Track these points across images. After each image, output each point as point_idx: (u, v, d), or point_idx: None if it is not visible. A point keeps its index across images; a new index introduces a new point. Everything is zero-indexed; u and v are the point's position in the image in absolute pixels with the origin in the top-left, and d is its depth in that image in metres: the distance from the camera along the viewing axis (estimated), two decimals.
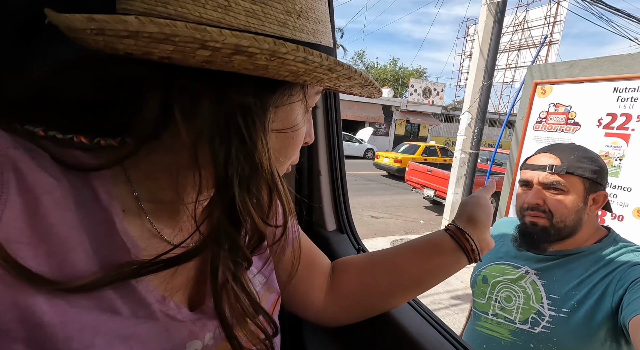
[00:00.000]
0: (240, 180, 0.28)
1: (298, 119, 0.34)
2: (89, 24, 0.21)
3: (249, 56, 0.24)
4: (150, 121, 0.27)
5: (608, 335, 0.76)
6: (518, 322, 0.86)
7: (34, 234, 0.23)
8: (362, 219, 5.77)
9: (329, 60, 0.27)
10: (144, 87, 0.26)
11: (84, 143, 0.27)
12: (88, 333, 0.25)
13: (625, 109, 2.73)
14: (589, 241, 0.87)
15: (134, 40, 0.22)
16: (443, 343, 0.56)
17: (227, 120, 0.27)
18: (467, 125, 4.98)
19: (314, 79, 0.29)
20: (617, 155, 2.74)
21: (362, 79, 0.32)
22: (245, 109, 0.27)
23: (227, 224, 0.29)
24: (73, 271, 0.25)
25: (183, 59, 0.24)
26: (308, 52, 0.26)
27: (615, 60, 2.93)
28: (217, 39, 0.23)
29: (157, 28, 0.21)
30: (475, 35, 5.00)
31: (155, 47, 0.23)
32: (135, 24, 0.21)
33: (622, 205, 2.68)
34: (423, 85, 19.69)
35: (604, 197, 0.85)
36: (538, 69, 3.47)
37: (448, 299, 3.31)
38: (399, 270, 0.52)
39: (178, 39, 0.22)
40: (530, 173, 0.89)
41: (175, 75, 0.26)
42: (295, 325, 0.84)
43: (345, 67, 0.29)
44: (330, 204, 0.85)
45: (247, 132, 0.27)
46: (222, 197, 0.28)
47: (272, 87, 0.30)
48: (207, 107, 0.27)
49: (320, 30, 0.31)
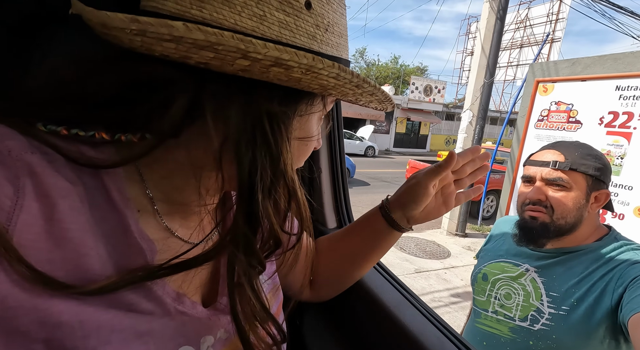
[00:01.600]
0: (263, 186, 0.28)
1: (315, 127, 0.35)
2: (131, 24, 0.21)
3: (286, 69, 0.25)
4: (176, 121, 0.27)
5: (607, 333, 0.76)
6: (518, 320, 0.87)
7: (49, 239, 0.24)
8: None
9: (358, 78, 0.28)
10: (174, 87, 0.26)
11: (105, 139, 0.27)
12: (105, 331, 0.26)
13: (628, 107, 2.72)
14: (590, 239, 0.87)
15: (175, 45, 0.22)
16: (443, 341, 0.56)
17: (254, 126, 0.27)
18: (468, 123, 4.97)
19: (340, 93, 0.30)
20: (619, 154, 2.73)
21: (383, 95, 0.33)
22: (272, 116, 0.28)
23: (246, 228, 0.29)
24: (88, 275, 0.25)
25: (220, 66, 0.24)
26: (342, 69, 0.27)
27: (617, 58, 2.92)
28: (260, 51, 0.23)
29: (203, 36, 0.22)
30: (477, 32, 4.98)
31: (196, 53, 0.23)
32: (181, 29, 0.21)
33: (623, 204, 2.68)
34: (424, 83, 19.63)
35: (606, 195, 0.85)
36: (540, 67, 3.46)
37: (448, 296, 3.32)
38: (347, 248, 0.58)
39: (221, 48, 0.22)
40: (534, 169, 0.89)
41: (207, 78, 0.26)
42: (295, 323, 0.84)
43: (371, 84, 0.30)
44: (330, 201, 0.85)
45: (273, 138, 0.28)
46: (243, 201, 0.28)
47: (297, 97, 0.30)
48: (236, 112, 0.27)
49: (342, 44, 0.32)
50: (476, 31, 5.07)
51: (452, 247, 4.63)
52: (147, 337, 0.28)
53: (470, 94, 4.94)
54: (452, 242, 4.85)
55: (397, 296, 0.67)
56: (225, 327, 0.36)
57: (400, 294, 0.67)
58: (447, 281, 3.63)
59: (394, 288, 0.69)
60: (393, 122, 19.82)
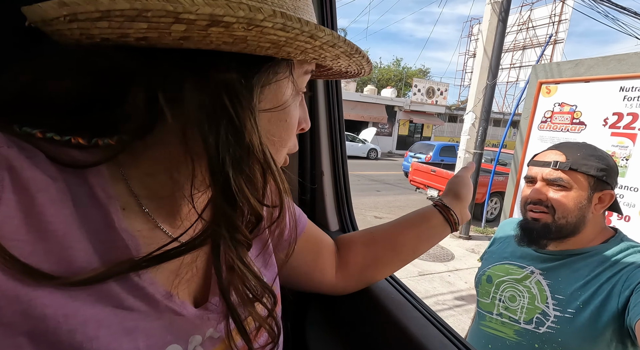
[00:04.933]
0: (233, 161, 0.28)
1: (286, 98, 0.33)
2: (61, 10, 0.21)
3: (226, 27, 0.24)
4: (139, 113, 0.26)
5: (614, 337, 0.75)
6: (523, 322, 0.86)
7: (30, 231, 0.23)
8: (366, 219, 5.75)
9: (309, 25, 0.26)
10: (128, 79, 0.26)
11: (82, 144, 0.27)
12: (92, 325, 0.25)
13: (632, 108, 2.70)
14: (595, 241, 0.86)
15: (107, 22, 0.22)
16: (446, 344, 0.56)
17: (213, 102, 0.27)
18: (471, 125, 4.96)
19: (297, 49, 0.28)
20: (624, 155, 2.71)
21: (348, 46, 0.31)
22: (229, 88, 0.27)
23: (225, 207, 0.29)
24: (72, 268, 0.25)
25: (159, 37, 0.24)
26: (286, 17, 0.25)
27: (621, 59, 2.90)
28: (190, 9, 0.22)
29: (128, 4, 0.21)
30: (479, 34, 4.98)
31: (129, 27, 0.22)
32: (105, 2, 0.21)
33: (628, 206, 2.65)
34: (426, 85, 19.62)
35: (611, 196, 0.84)
36: (543, 68, 3.45)
37: (452, 299, 3.29)
38: (397, 242, 0.60)
39: (150, 14, 0.22)
40: (536, 169, 0.89)
41: (156, 62, 0.26)
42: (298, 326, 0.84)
43: (327, 32, 0.28)
44: (333, 204, 0.85)
45: (234, 111, 0.27)
46: (216, 179, 0.28)
47: (255, 65, 0.29)
48: (191, 90, 0.26)
49: (301, 7, 0.31)
50: (478, 33, 5.07)
51: (455, 250, 4.60)
52: (136, 333, 0.28)
53: (473, 95, 4.93)
54: (455, 245, 4.82)
55: (399, 299, 0.66)
56: (215, 327, 0.35)
57: (402, 297, 0.67)
58: (451, 284, 3.60)
59: (396, 291, 0.69)
60: (395, 124, 19.81)
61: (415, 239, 0.60)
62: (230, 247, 0.31)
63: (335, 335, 0.73)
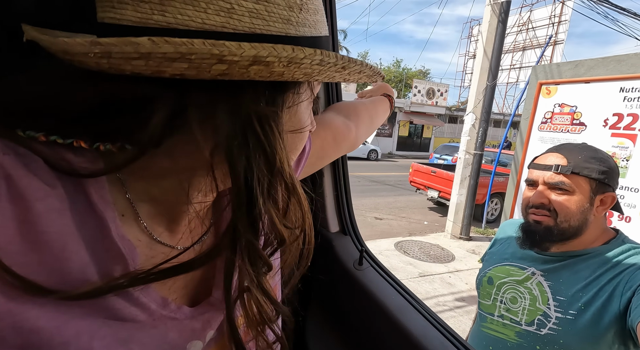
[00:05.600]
0: (261, 188, 0.27)
1: (306, 117, 0.34)
2: (92, 48, 0.20)
3: (267, 65, 0.24)
4: (156, 133, 0.26)
5: (616, 338, 0.74)
6: (524, 324, 0.86)
7: (23, 241, 0.23)
8: (366, 220, 5.75)
9: (343, 59, 0.27)
10: (153, 103, 0.25)
11: (83, 147, 0.26)
12: (85, 337, 0.25)
13: (632, 109, 2.70)
14: (597, 242, 0.86)
15: (144, 61, 0.21)
16: (447, 345, 0.56)
17: (244, 130, 0.26)
18: (471, 126, 4.95)
19: (327, 77, 0.29)
20: (624, 156, 2.71)
21: (371, 70, 0.32)
22: (261, 116, 0.27)
23: (249, 235, 0.28)
24: (67, 279, 0.25)
25: (197, 74, 0.23)
26: (325, 55, 0.25)
27: (621, 59, 2.90)
28: (236, 52, 0.22)
29: (173, 48, 0.20)
30: (479, 35, 4.99)
31: (168, 66, 0.22)
32: (148, 45, 0.20)
33: (629, 207, 2.65)
34: (427, 86, 19.63)
35: (612, 198, 0.84)
36: (543, 69, 3.45)
37: (452, 301, 3.29)
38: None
39: (195, 57, 0.21)
40: (537, 173, 0.89)
41: (187, 88, 0.25)
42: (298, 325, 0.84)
43: (357, 63, 0.29)
44: (333, 205, 0.84)
45: (266, 139, 0.27)
46: (242, 206, 0.27)
47: (283, 89, 0.29)
48: (222, 118, 0.26)
49: (320, 21, 0.30)
50: (478, 34, 5.07)
51: (456, 251, 4.60)
52: (131, 344, 0.28)
53: (473, 96, 4.93)
54: (456, 246, 4.81)
55: (400, 300, 0.66)
56: (215, 328, 0.35)
57: (403, 298, 0.67)
58: (452, 285, 3.60)
59: (397, 292, 0.68)
60: (396, 125, 19.82)
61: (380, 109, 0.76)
62: (249, 273, 0.30)
63: (335, 336, 0.73)
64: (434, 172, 6.49)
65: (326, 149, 0.62)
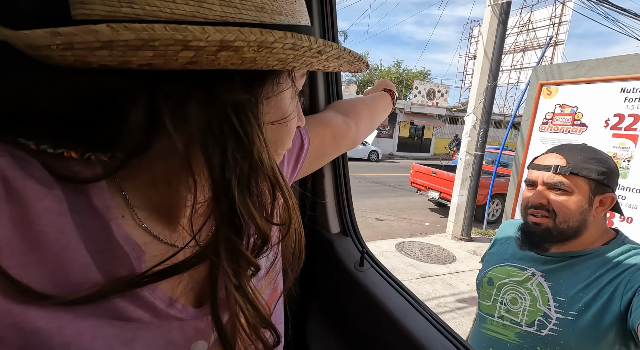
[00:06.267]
0: (239, 182, 0.27)
1: (290, 107, 0.33)
2: (53, 38, 0.19)
3: (236, 51, 0.23)
4: (138, 133, 0.25)
5: (617, 339, 0.74)
6: (524, 325, 0.85)
7: (23, 242, 0.23)
8: (367, 221, 5.75)
9: (317, 42, 0.26)
10: (126, 98, 0.25)
11: (75, 158, 0.26)
12: (86, 337, 0.25)
13: (633, 109, 2.69)
14: (597, 243, 0.86)
15: (108, 51, 0.20)
16: (448, 347, 0.56)
17: (219, 121, 0.26)
18: (472, 127, 4.95)
19: (303, 63, 0.28)
20: (625, 157, 2.70)
21: (351, 56, 0.31)
22: (236, 106, 0.26)
23: (227, 232, 0.27)
24: (69, 279, 0.24)
25: (165, 63, 0.22)
26: (296, 38, 0.24)
27: (622, 60, 2.90)
28: (201, 37, 0.21)
29: (134, 34, 0.20)
30: (479, 36, 4.99)
31: (133, 55, 0.21)
32: (107, 33, 0.19)
33: (630, 207, 2.64)
34: (427, 87, 19.63)
35: (612, 199, 0.84)
36: (543, 70, 3.45)
37: (454, 302, 3.28)
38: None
39: (158, 43, 0.21)
40: (536, 173, 0.89)
41: (157, 81, 0.24)
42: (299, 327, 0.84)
43: (334, 47, 0.27)
44: (333, 206, 0.85)
45: (242, 130, 0.26)
46: (220, 202, 0.27)
47: (260, 79, 0.28)
48: (196, 110, 0.25)
49: (298, 9, 0.30)
50: (479, 35, 5.07)
51: (457, 252, 4.59)
52: (134, 344, 0.27)
53: (474, 97, 4.93)
54: (457, 247, 4.80)
55: (401, 301, 0.66)
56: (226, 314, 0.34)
57: (404, 300, 0.67)
58: (453, 286, 3.59)
59: (398, 293, 0.68)
60: (396, 126, 19.81)
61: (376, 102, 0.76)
62: (231, 277, 0.29)
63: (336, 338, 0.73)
64: (435, 173, 6.49)
65: (325, 147, 0.61)
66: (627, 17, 8.23)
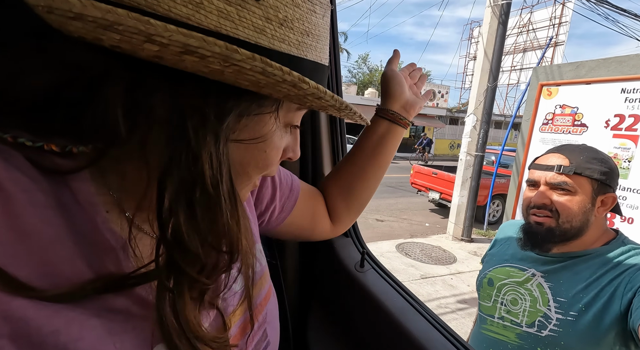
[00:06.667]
0: (177, 190, 0.26)
1: (267, 131, 0.31)
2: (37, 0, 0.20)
3: (201, 58, 0.23)
4: (114, 120, 0.25)
5: (617, 339, 0.74)
6: (525, 325, 0.85)
7: (9, 232, 0.23)
8: (367, 222, 5.74)
9: (291, 75, 0.25)
10: (104, 82, 0.24)
11: (55, 151, 0.26)
12: (75, 327, 0.25)
13: (634, 110, 2.69)
14: (597, 243, 0.86)
15: (81, 24, 0.21)
16: (449, 348, 0.56)
17: (176, 122, 0.25)
18: (472, 128, 4.95)
19: (279, 93, 0.27)
20: (626, 157, 2.70)
21: (336, 101, 0.29)
22: (196, 112, 0.25)
23: (170, 246, 0.27)
24: (57, 270, 0.25)
25: (132, 50, 0.22)
26: (266, 63, 0.23)
27: (622, 60, 2.90)
28: (163, 34, 0.21)
29: (100, 13, 0.20)
30: (479, 37, 4.99)
31: (102, 34, 0.21)
32: (78, 6, 0.19)
33: (631, 208, 2.64)
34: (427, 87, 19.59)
35: (613, 199, 0.84)
36: (544, 71, 3.45)
37: (454, 303, 3.27)
38: (359, 164, 0.62)
39: (122, 29, 0.21)
40: (538, 173, 0.88)
41: (133, 67, 0.24)
42: (300, 328, 0.84)
43: (312, 85, 0.26)
44: None
45: (194, 138, 0.25)
46: (160, 208, 0.26)
47: (236, 94, 0.27)
48: (159, 102, 0.25)
49: (308, 43, 0.29)
50: (479, 36, 5.08)
51: (458, 253, 4.59)
52: (122, 334, 0.27)
53: (474, 98, 4.93)
54: (458, 248, 4.80)
55: (402, 302, 0.66)
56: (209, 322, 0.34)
57: (405, 301, 0.67)
58: (454, 287, 3.59)
59: (398, 294, 0.68)
60: None
61: (372, 152, 0.61)
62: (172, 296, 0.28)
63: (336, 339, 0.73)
64: (435, 174, 6.49)
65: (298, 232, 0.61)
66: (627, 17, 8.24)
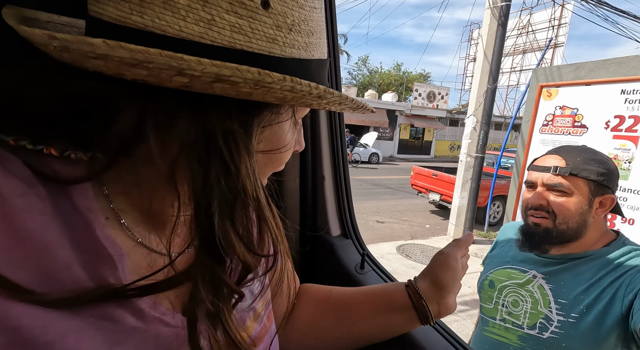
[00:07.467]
0: (220, 207, 0.26)
1: (287, 137, 0.32)
2: (51, 41, 0.20)
3: (232, 84, 0.23)
4: (123, 139, 0.25)
5: (618, 341, 0.74)
6: (526, 327, 0.85)
7: (5, 237, 0.22)
8: (368, 223, 5.74)
9: (318, 89, 0.25)
10: (116, 105, 0.24)
11: (54, 155, 0.26)
12: (71, 338, 0.24)
13: (634, 111, 2.69)
14: (597, 245, 0.86)
15: (103, 62, 0.21)
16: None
17: (207, 143, 0.25)
18: (472, 129, 4.96)
19: (303, 104, 0.28)
20: (626, 158, 2.70)
21: (354, 104, 0.30)
22: (227, 133, 0.25)
23: (206, 257, 0.27)
24: (53, 277, 0.24)
25: (159, 82, 0.22)
26: (296, 82, 0.24)
27: (622, 62, 2.90)
28: (196, 68, 0.21)
29: (128, 53, 0.20)
30: (479, 38, 5.00)
31: (127, 70, 0.21)
32: (103, 48, 0.19)
33: (632, 209, 2.63)
34: (427, 89, 19.66)
35: (612, 200, 0.84)
36: (543, 72, 3.45)
37: None
38: (350, 319, 0.50)
39: (152, 66, 0.21)
40: (536, 174, 0.89)
41: (150, 94, 0.24)
42: None
43: (336, 94, 0.27)
44: (334, 209, 0.85)
45: (229, 156, 0.25)
46: (199, 225, 0.26)
47: (257, 109, 0.28)
48: (184, 127, 0.25)
49: (314, 43, 0.29)
50: (478, 37, 5.09)
51: None
52: (120, 346, 0.27)
53: (474, 99, 4.94)
54: None
55: None
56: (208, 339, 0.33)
57: None
58: None
59: None
60: (397, 128, 19.83)
61: (369, 320, 0.50)
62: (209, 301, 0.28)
63: None
64: (436, 175, 6.48)
65: None
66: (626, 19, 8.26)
